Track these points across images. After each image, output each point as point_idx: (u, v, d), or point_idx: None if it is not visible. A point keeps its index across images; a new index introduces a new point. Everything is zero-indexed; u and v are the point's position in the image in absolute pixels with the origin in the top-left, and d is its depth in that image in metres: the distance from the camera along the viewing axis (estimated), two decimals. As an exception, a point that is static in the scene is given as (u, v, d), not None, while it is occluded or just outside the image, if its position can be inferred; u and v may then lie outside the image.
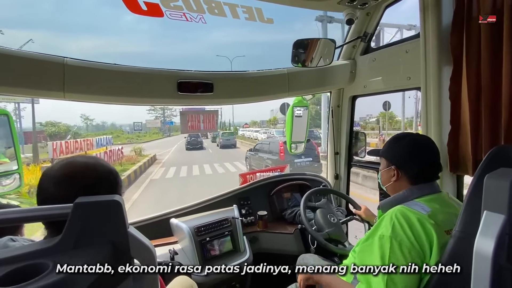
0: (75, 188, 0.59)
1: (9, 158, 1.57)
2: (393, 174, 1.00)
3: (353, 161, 2.03)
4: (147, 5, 1.30)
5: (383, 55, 1.64)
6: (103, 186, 0.62)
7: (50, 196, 0.59)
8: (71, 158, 0.65)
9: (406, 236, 0.81)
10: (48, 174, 0.60)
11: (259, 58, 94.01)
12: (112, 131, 42.10)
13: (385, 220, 0.88)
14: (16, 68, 1.12)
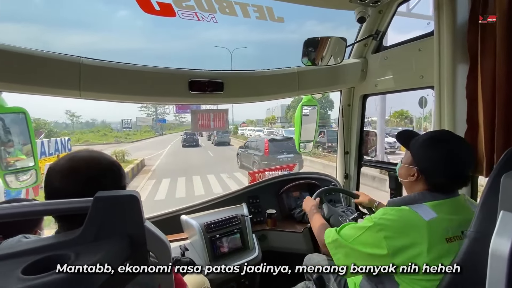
0: (80, 180, 0.61)
1: (26, 155, 1.63)
2: (412, 173, 0.95)
3: (363, 161, 2.01)
4: (160, 5, 1.32)
5: (395, 53, 1.62)
6: (107, 177, 0.65)
7: (57, 189, 0.61)
8: (75, 152, 0.67)
9: (395, 231, 0.83)
10: (54, 168, 0.62)
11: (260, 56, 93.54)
12: (99, 129, 40.00)
13: (383, 209, 0.91)
14: (33, 68, 1.16)
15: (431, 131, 1.03)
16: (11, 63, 1.12)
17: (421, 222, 0.82)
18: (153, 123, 45.28)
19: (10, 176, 1.55)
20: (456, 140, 0.92)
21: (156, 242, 0.56)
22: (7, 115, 1.50)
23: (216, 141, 21.93)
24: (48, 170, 0.62)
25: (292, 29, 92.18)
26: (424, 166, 0.92)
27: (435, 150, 0.90)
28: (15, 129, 1.56)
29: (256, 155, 9.97)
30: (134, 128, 41.43)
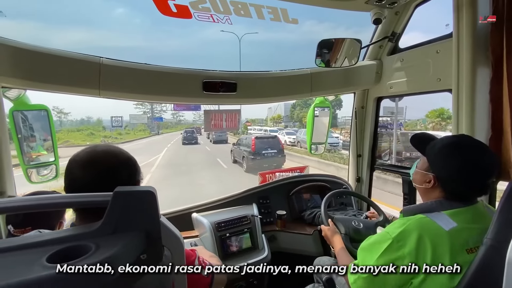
0: (99, 172, 0.63)
1: (47, 150, 1.70)
2: (428, 180, 0.91)
3: (376, 164, 1.98)
4: (177, 7, 1.35)
5: (411, 55, 1.59)
6: (123, 171, 0.67)
7: (76, 180, 0.63)
8: (94, 145, 0.70)
9: (414, 243, 0.78)
10: (75, 159, 0.65)
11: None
12: (89, 127, 35.53)
13: (399, 220, 0.86)
14: (57, 67, 1.22)
15: (449, 135, 0.97)
16: (36, 62, 1.17)
17: (441, 233, 0.79)
18: (148, 121, 41.51)
19: (32, 170, 1.62)
20: (477, 147, 0.87)
21: (170, 238, 0.58)
22: (30, 112, 1.57)
23: (214, 140, 22.54)
24: (69, 161, 0.65)
25: (306, 31, 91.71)
26: (441, 174, 0.88)
27: (454, 159, 0.85)
28: (37, 125, 1.64)
29: (245, 150, 11.11)
30: (129, 127, 37.97)
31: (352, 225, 1.40)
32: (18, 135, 1.50)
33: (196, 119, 55.24)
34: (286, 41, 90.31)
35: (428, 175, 0.91)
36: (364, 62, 1.80)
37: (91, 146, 0.69)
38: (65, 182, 0.65)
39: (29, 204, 0.50)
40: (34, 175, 1.64)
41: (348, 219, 1.46)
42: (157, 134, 38.94)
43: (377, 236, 0.87)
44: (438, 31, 1.47)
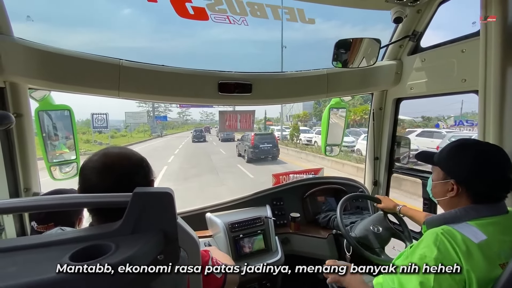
0: (115, 176, 0.64)
1: (69, 149, 1.77)
2: (450, 188, 0.86)
3: (394, 167, 1.92)
4: (194, 9, 1.37)
5: (434, 55, 1.52)
6: (138, 173, 0.68)
7: (92, 184, 0.63)
8: (106, 149, 0.70)
9: (457, 259, 0.71)
10: (89, 165, 0.65)
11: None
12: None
13: (428, 239, 0.78)
14: (79, 69, 1.26)
15: (455, 140, 0.95)
16: (60, 65, 1.22)
17: (471, 245, 0.73)
18: (149, 121, 36.19)
19: (55, 168, 1.69)
20: (482, 143, 0.90)
21: (187, 239, 0.58)
22: (54, 112, 1.64)
23: (223, 138, 24.67)
24: (82, 166, 0.66)
25: (312, 29, 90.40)
26: (458, 173, 0.85)
27: (464, 153, 0.85)
28: (60, 124, 1.71)
29: (247, 145, 13.30)
30: (130, 127, 33.13)
31: (370, 230, 1.36)
32: (43, 134, 1.57)
33: (203, 118, 54.33)
34: (292, 40, 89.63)
35: (448, 182, 0.87)
36: (383, 62, 1.75)
37: (102, 150, 0.69)
38: (79, 186, 0.65)
39: (53, 203, 0.51)
40: (57, 172, 1.71)
41: (366, 223, 1.42)
42: (160, 136, 32.82)
43: (410, 260, 0.77)
44: (463, 30, 1.41)
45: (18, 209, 0.56)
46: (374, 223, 1.44)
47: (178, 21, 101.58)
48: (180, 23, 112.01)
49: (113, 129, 30.84)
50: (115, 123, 33.86)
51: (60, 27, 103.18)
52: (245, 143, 13.54)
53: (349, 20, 79.39)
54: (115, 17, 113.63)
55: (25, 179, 1.29)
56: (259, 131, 17.14)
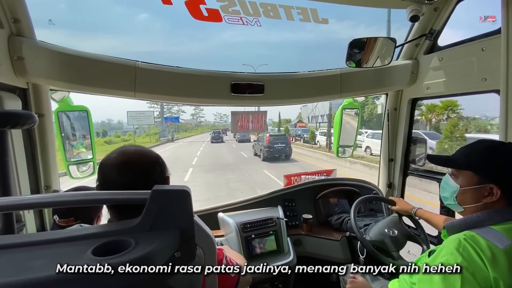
0: (132, 172, 0.65)
1: (86, 148, 1.83)
2: (487, 193, 0.80)
3: (410, 169, 1.87)
4: (208, 11, 1.39)
5: (452, 53, 1.48)
6: (156, 170, 0.69)
7: (111, 181, 0.65)
8: (124, 147, 0.72)
9: (483, 265, 0.68)
10: (108, 162, 0.67)
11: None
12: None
13: (450, 245, 0.74)
14: (96, 71, 1.30)
15: (475, 142, 0.89)
16: (80, 67, 1.26)
17: (496, 251, 0.69)
18: (156, 122, 31.69)
19: (72, 167, 1.74)
20: (507, 144, 0.86)
21: (203, 236, 0.59)
22: (72, 113, 1.69)
23: (239, 139, 26.66)
24: (101, 164, 0.68)
25: (324, 29, 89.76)
26: (499, 176, 0.79)
27: (499, 154, 0.81)
28: (78, 125, 1.77)
29: (262, 144, 14.71)
30: (139, 130, 30.11)
31: (386, 233, 1.33)
32: (61, 134, 1.63)
33: (217, 120, 54.39)
34: (305, 41, 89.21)
35: (485, 187, 0.80)
36: (398, 61, 1.71)
37: (120, 148, 0.71)
38: (99, 183, 0.67)
39: (76, 199, 0.53)
40: (75, 171, 1.76)
41: (380, 226, 1.39)
42: (171, 141, 28.06)
43: (438, 275, 0.72)
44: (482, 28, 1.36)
45: (45, 204, 0.58)
46: (389, 226, 1.41)
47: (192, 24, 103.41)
48: (194, 25, 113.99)
49: (118, 132, 29.38)
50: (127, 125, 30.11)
51: (80, 32, 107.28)
52: (261, 143, 14.99)
53: (363, 19, 78.56)
54: (132, 22, 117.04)
55: (46, 177, 1.34)
56: (274, 133, 17.76)
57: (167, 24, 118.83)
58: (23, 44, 1.10)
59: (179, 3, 1.34)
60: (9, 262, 0.42)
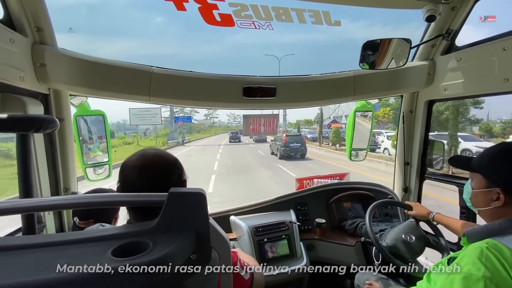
0: (152, 174, 0.67)
1: (102, 151, 1.88)
2: (495, 197, 0.79)
3: (427, 173, 1.81)
4: (221, 16, 1.40)
5: (471, 54, 1.43)
6: (174, 173, 0.71)
7: (132, 182, 0.67)
8: (144, 150, 0.73)
9: (507, 275, 0.64)
10: (128, 164, 0.69)
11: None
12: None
13: (471, 254, 0.71)
14: (113, 76, 1.34)
15: (495, 144, 0.87)
16: (97, 72, 1.30)
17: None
18: (165, 122, 28.13)
19: (89, 169, 1.79)
20: None
21: (218, 239, 0.59)
22: (89, 117, 1.75)
23: (256, 139, 29.15)
24: (122, 166, 0.70)
25: (339, 30, 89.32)
26: (506, 180, 0.78)
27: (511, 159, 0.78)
28: (95, 128, 1.82)
29: (279, 144, 15.84)
30: (149, 131, 27.25)
31: (402, 239, 1.30)
32: (79, 138, 1.68)
33: (230, 121, 55.01)
34: (319, 42, 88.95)
35: (493, 191, 0.80)
36: (413, 62, 1.67)
37: (140, 151, 0.73)
38: (120, 184, 0.69)
39: (96, 201, 0.54)
40: (91, 174, 1.81)
41: (397, 231, 1.35)
42: (181, 144, 24.29)
43: (458, 284, 0.69)
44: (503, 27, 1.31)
45: (68, 205, 0.60)
46: (406, 231, 1.36)
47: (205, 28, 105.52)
48: (207, 29, 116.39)
49: (126, 133, 25.45)
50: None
51: (99, 37, 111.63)
52: (278, 143, 16.21)
53: (378, 20, 77.74)
54: (147, 27, 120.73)
55: (65, 179, 1.38)
56: (289, 133, 19.12)
57: (181, 28, 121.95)
58: (45, 51, 1.15)
59: (192, 8, 1.37)
60: (35, 261, 0.44)
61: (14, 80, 1.02)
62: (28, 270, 0.41)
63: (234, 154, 18.53)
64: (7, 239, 0.51)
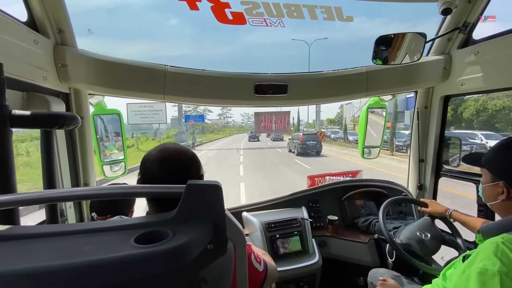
0: (171, 168, 0.69)
1: (118, 149, 1.94)
2: (501, 191, 0.81)
3: (442, 170, 1.77)
4: (232, 14, 1.42)
5: (490, 47, 1.39)
6: (192, 167, 0.73)
7: (152, 176, 0.70)
8: (164, 144, 0.76)
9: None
10: (150, 158, 0.72)
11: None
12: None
13: (487, 250, 0.71)
14: (129, 75, 1.38)
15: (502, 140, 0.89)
16: (114, 72, 1.35)
17: None
18: (172, 121, 24.93)
19: (106, 167, 1.86)
20: None
21: (234, 230, 0.61)
22: (106, 116, 1.81)
23: (274, 138, 31.14)
24: (143, 159, 0.73)
25: (355, 28, 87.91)
26: (507, 174, 0.79)
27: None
28: (111, 127, 1.88)
29: (296, 142, 17.17)
30: (146, 130, 24.88)
31: (417, 236, 1.28)
32: (97, 136, 1.75)
33: (244, 121, 55.54)
34: (335, 39, 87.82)
35: (497, 184, 0.81)
36: (428, 57, 1.64)
37: (161, 145, 0.76)
38: (140, 177, 0.72)
39: (117, 192, 0.57)
40: (108, 171, 1.87)
41: (411, 229, 1.33)
42: (191, 146, 20.74)
43: (474, 280, 0.68)
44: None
45: (92, 196, 0.63)
46: (421, 229, 1.34)
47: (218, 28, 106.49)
48: (220, 28, 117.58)
49: (135, 134, 22.49)
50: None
51: (116, 39, 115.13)
52: (295, 141, 17.49)
53: (396, 16, 75.79)
54: (162, 29, 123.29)
55: (85, 175, 1.44)
56: (306, 132, 20.51)
57: (195, 29, 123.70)
58: (66, 52, 1.20)
59: (205, 8, 1.39)
60: (63, 247, 0.47)
61: (38, 80, 1.07)
62: (57, 255, 0.44)
63: (261, 163, 13.69)
64: (37, 227, 0.54)
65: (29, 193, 0.55)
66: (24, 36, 1.02)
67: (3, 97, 0.71)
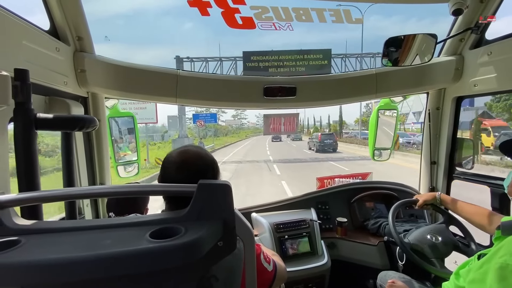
0: (191, 172, 0.72)
1: (131, 151, 2.00)
2: None
3: (455, 173, 1.74)
4: (242, 19, 1.46)
5: (503, 47, 1.36)
6: (210, 171, 0.76)
7: (171, 176, 0.73)
8: (185, 147, 0.79)
9: None
10: (170, 159, 0.75)
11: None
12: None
13: (508, 246, 0.70)
14: (143, 79, 1.43)
15: None
16: (128, 76, 1.41)
17: None
18: (171, 121, 22.60)
19: (120, 167, 1.92)
20: None
21: (243, 229, 0.63)
22: (120, 118, 1.88)
23: (293, 138, 37.54)
24: (165, 159, 0.76)
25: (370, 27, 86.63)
26: None
27: None
28: (125, 129, 1.95)
29: (315, 140, 21.14)
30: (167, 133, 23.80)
31: (427, 239, 1.26)
32: (112, 138, 1.81)
33: (259, 123, 55.45)
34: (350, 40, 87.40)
35: None
36: (439, 58, 1.62)
37: (182, 147, 0.79)
38: (160, 176, 0.76)
39: (134, 190, 0.61)
40: (122, 171, 1.94)
41: (422, 231, 1.32)
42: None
43: (493, 274, 0.68)
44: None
45: (110, 193, 0.67)
46: (433, 232, 1.33)
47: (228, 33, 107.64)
48: (229, 34, 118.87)
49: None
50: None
51: (131, 45, 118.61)
52: (314, 140, 21.49)
53: (413, 14, 74.02)
54: (175, 35, 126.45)
55: (101, 175, 1.50)
56: (323, 133, 25.24)
57: (208, 33, 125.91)
58: (85, 58, 1.27)
59: (216, 13, 1.43)
60: (84, 240, 0.50)
61: (59, 85, 1.13)
62: (79, 247, 0.48)
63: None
64: (60, 222, 0.59)
65: (52, 191, 0.59)
66: (47, 44, 1.08)
67: (30, 101, 0.77)
